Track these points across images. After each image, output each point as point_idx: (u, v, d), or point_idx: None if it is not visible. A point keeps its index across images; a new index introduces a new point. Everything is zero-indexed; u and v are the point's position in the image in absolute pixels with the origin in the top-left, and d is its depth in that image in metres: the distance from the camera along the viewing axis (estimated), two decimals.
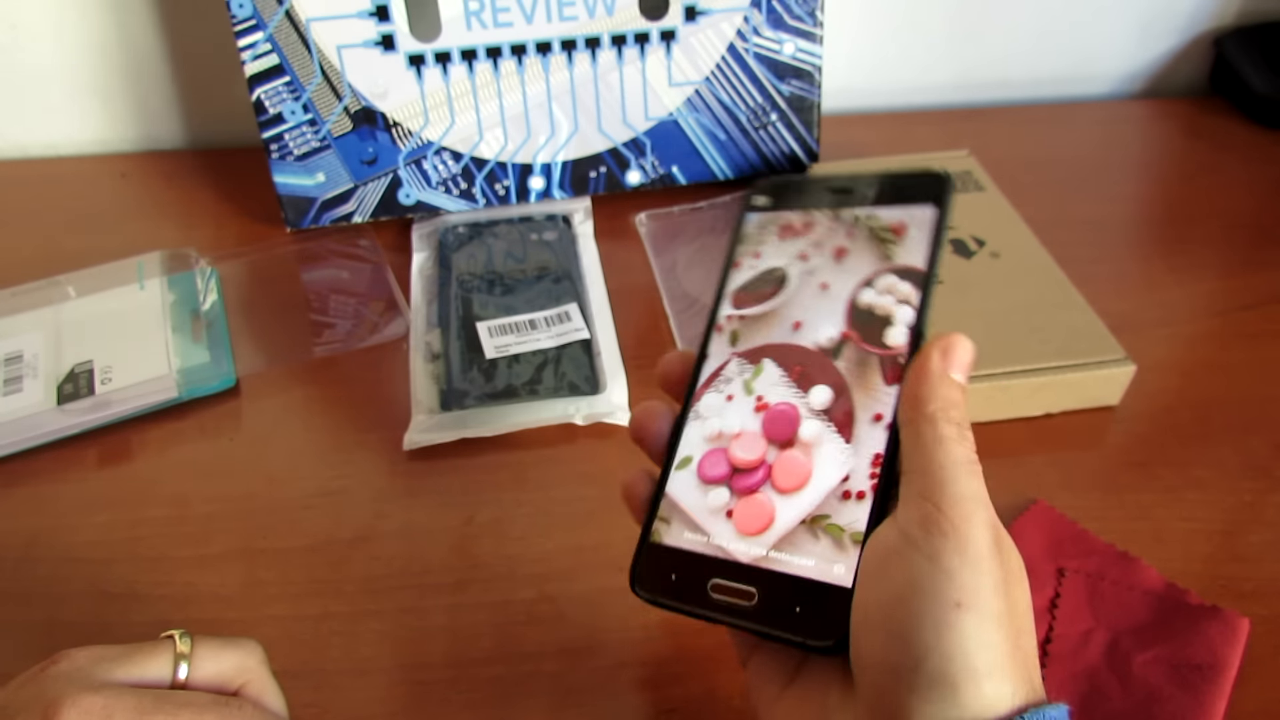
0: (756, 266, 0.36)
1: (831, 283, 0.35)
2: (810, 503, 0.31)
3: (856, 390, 0.32)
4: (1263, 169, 0.69)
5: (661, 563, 0.33)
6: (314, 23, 0.56)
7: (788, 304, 0.35)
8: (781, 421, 0.33)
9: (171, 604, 0.42)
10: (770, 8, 0.60)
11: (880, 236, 0.35)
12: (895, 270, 0.34)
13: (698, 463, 0.34)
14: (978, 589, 0.26)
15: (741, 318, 0.36)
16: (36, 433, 0.48)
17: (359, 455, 0.48)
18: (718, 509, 0.33)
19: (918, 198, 0.35)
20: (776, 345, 0.35)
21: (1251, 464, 0.48)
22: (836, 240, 0.35)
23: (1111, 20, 0.75)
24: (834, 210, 0.36)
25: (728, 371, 0.35)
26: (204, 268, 0.57)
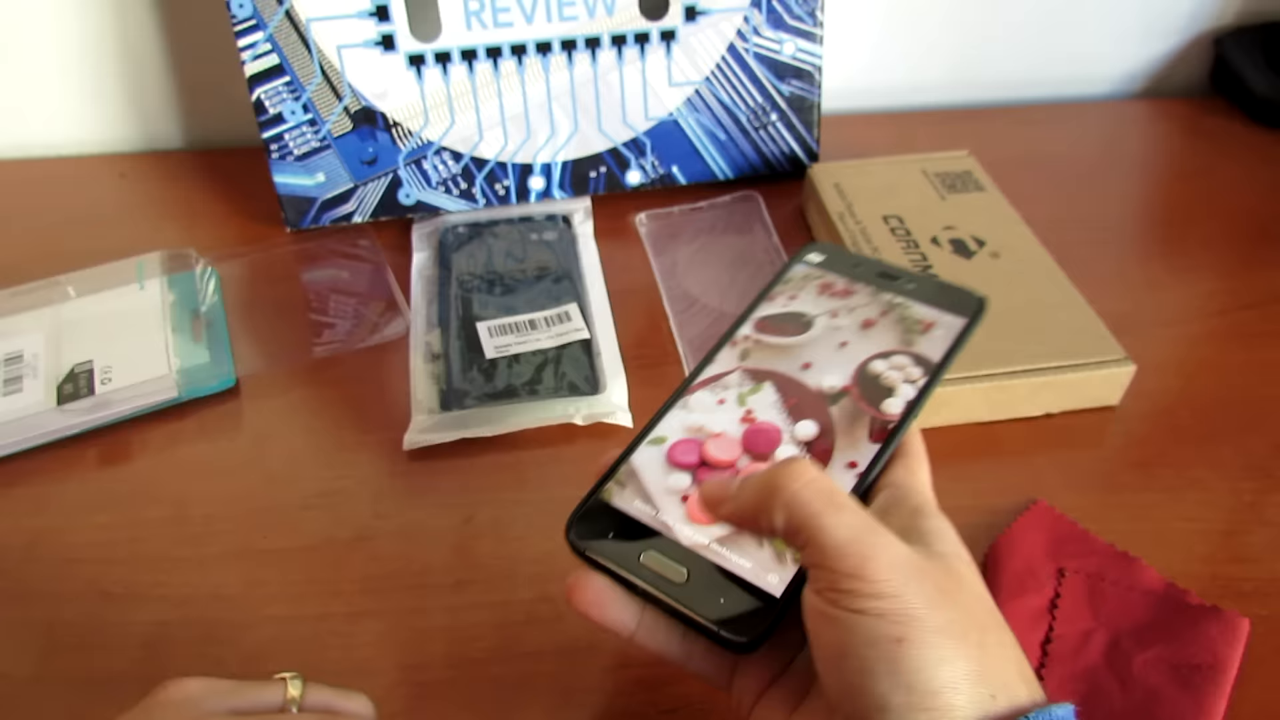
0: (788, 306, 0.39)
1: (851, 343, 0.37)
2: None
3: (841, 435, 0.34)
4: (1263, 169, 0.69)
5: (603, 519, 0.34)
6: (314, 23, 0.56)
7: (805, 346, 0.37)
8: (763, 437, 0.35)
9: (171, 604, 0.42)
10: (770, 8, 0.60)
11: (909, 325, 0.37)
12: (911, 354, 0.36)
13: (670, 444, 0.35)
14: (912, 616, 0.26)
15: (757, 341, 0.38)
16: (36, 433, 0.48)
17: (359, 455, 0.48)
18: (675, 490, 0.34)
19: (953, 307, 0.37)
20: (781, 374, 0.36)
21: (1251, 464, 0.48)
22: (869, 312, 0.38)
23: (1111, 20, 0.75)
24: (875, 288, 0.39)
25: (728, 380, 0.37)
26: (204, 268, 0.57)
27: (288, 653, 0.40)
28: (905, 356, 0.36)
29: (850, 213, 0.58)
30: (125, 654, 0.40)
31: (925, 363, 0.36)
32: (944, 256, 0.55)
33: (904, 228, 0.57)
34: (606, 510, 0.34)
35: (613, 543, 0.33)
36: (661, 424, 0.36)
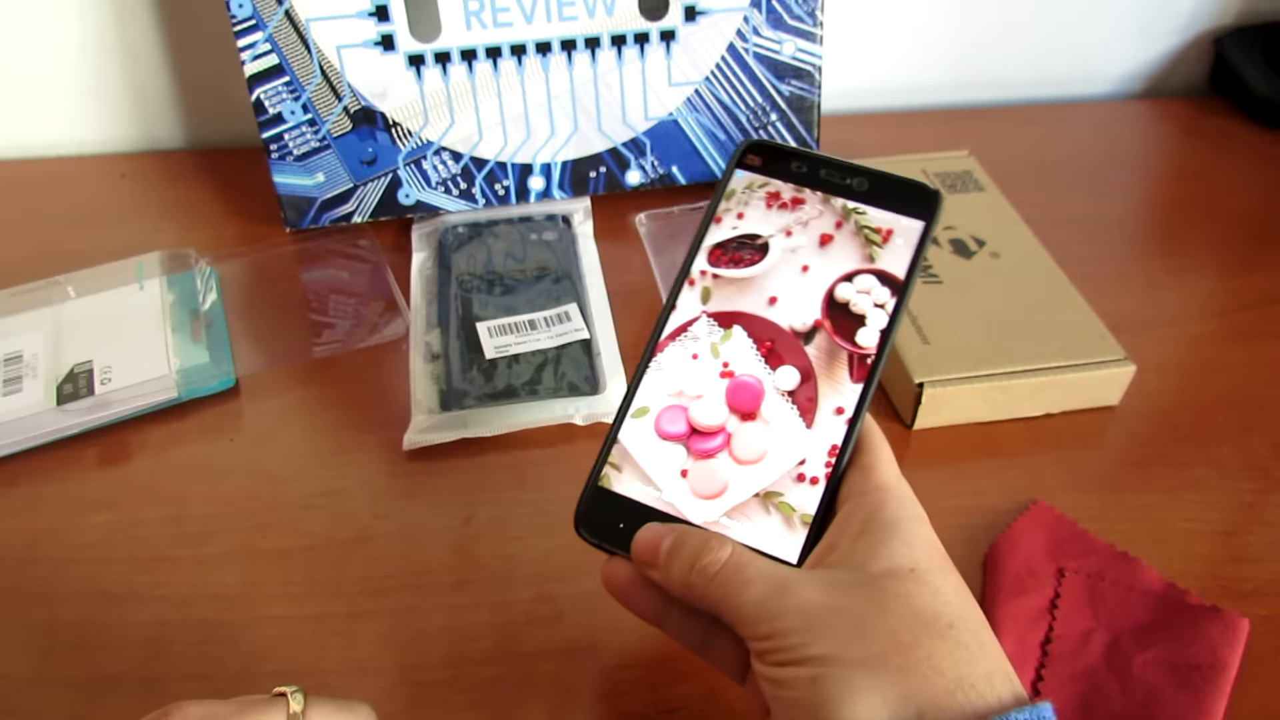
0: (739, 227, 0.37)
1: (813, 267, 0.35)
2: (766, 478, 0.33)
3: (823, 379, 0.33)
4: (1263, 169, 0.69)
5: (609, 508, 0.34)
6: (314, 23, 0.56)
7: (766, 276, 0.36)
8: (746, 393, 0.34)
9: (171, 604, 0.42)
10: (770, 8, 0.60)
11: (867, 236, 0.35)
12: (877, 273, 0.35)
13: (656, 416, 0.35)
14: (822, 658, 0.27)
15: (716, 276, 0.36)
16: (36, 433, 0.48)
17: (359, 455, 0.48)
18: (673, 467, 0.34)
19: (908, 208, 0.35)
20: (749, 315, 0.35)
21: (1251, 464, 0.48)
22: (824, 226, 0.36)
23: (1111, 20, 0.75)
24: (825, 194, 0.36)
25: (696, 329, 0.36)
26: (203, 268, 0.57)
27: (288, 653, 0.40)
28: (870, 276, 0.35)
29: None
30: (125, 654, 0.40)
31: (892, 281, 0.35)
32: (944, 256, 0.55)
33: None
34: (609, 497, 0.34)
35: (624, 530, 0.33)
36: (641, 392, 0.35)
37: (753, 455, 0.33)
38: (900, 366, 0.49)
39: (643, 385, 0.35)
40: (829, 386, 0.33)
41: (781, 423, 0.33)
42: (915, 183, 0.36)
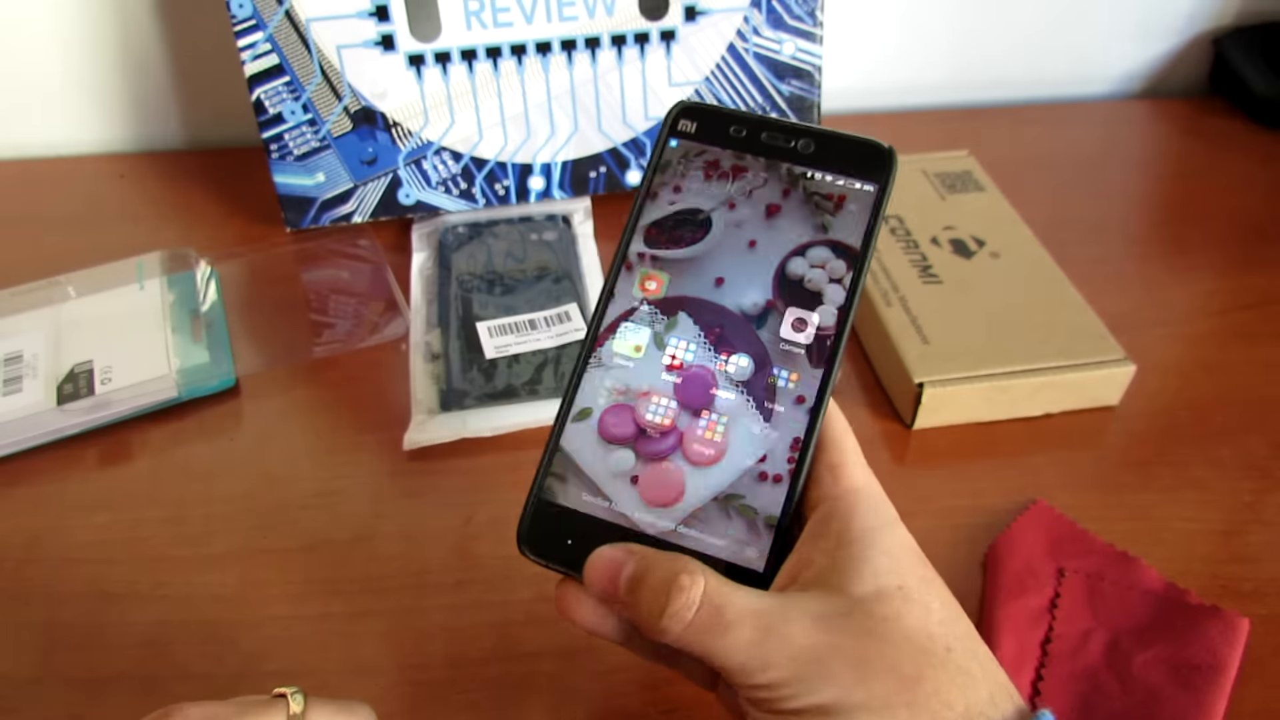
0: (676, 203, 0.33)
1: (760, 242, 0.32)
2: (724, 480, 0.30)
3: (779, 365, 0.31)
4: (1263, 169, 0.69)
5: (555, 523, 0.31)
6: (314, 23, 0.56)
7: (710, 255, 0.32)
8: (697, 386, 0.31)
9: (171, 604, 0.42)
10: (770, 8, 0.60)
11: (818, 204, 0.32)
12: (831, 244, 0.31)
13: (599, 416, 0.31)
14: (826, 707, 0.25)
15: (655, 259, 0.33)
16: (36, 433, 0.48)
17: (359, 455, 0.48)
18: (622, 473, 0.31)
19: (860, 170, 0.32)
20: (695, 299, 0.32)
21: (1251, 464, 0.48)
22: (770, 195, 0.32)
23: (1111, 20, 0.75)
24: (766, 158, 0.33)
25: (637, 318, 0.32)
26: (204, 268, 0.57)
27: (288, 653, 0.40)
28: (824, 248, 0.32)
29: None
30: (125, 654, 0.40)
31: (847, 252, 0.31)
32: (944, 256, 0.55)
33: (904, 227, 0.57)
34: (555, 510, 0.31)
35: (573, 547, 0.30)
36: (581, 392, 0.32)
37: (708, 455, 0.30)
38: (900, 366, 0.49)
39: (583, 384, 0.32)
40: (787, 374, 0.31)
41: (737, 417, 0.30)
42: (866, 140, 0.32)
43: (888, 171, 0.32)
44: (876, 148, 0.32)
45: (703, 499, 0.30)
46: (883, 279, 0.54)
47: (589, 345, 0.32)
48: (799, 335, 0.31)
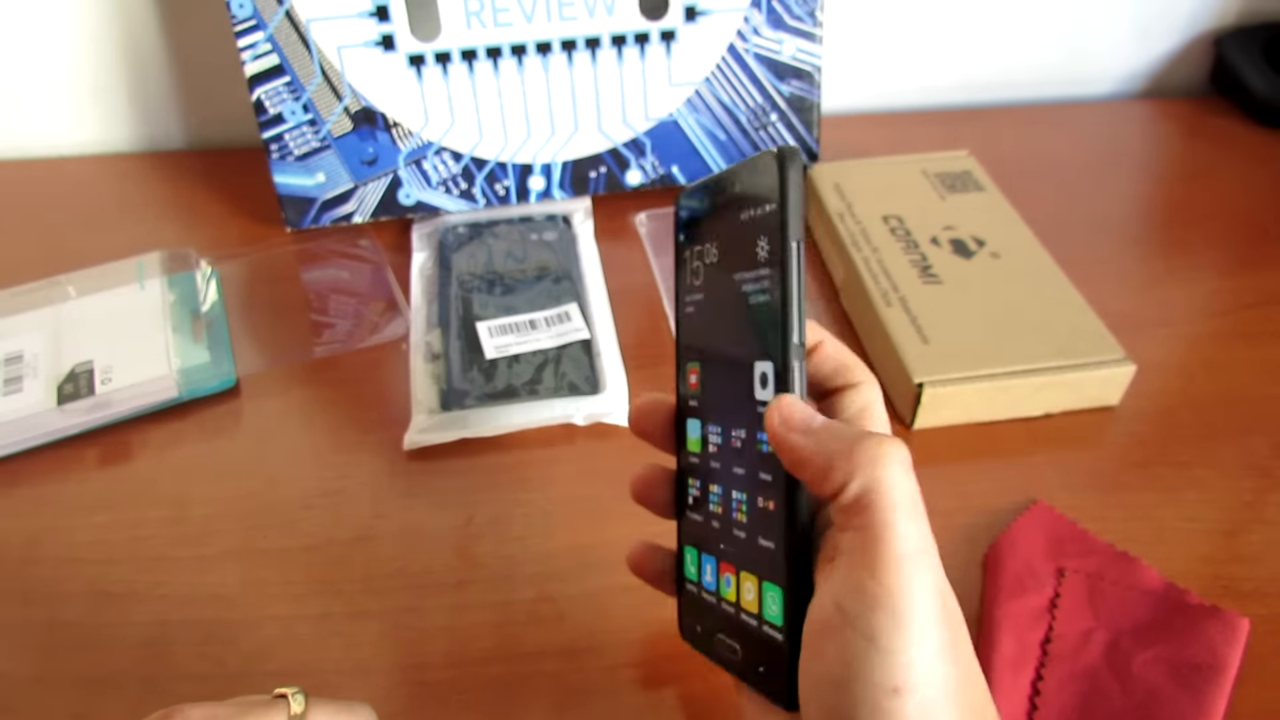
0: (691, 292, 0.34)
1: (733, 310, 0.31)
2: (748, 558, 0.31)
3: (760, 429, 0.30)
4: (1263, 169, 0.69)
5: (690, 611, 0.34)
6: (314, 23, 0.56)
7: (714, 338, 0.32)
8: (725, 469, 0.32)
9: (171, 604, 0.42)
10: (770, 8, 0.60)
11: (750, 247, 0.30)
12: (760, 284, 0.30)
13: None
14: (918, 666, 0.24)
15: (688, 350, 0.34)
16: (36, 433, 0.48)
17: (359, 455, 0.48)
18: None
19: (760, 193, 0.29)
20: (716, 384, 0.32)
21: (1251, 464, 0.48)
22: (730, 259, 0.31)
23: (1111, 20, 0.75)
24: (723, 224, 0.32)
25: (691, 413, 0.34)
26: (204, 268, 0.57)
27: (288, 653, 0.40)
28: (759, 292, 0.29)
29: (850, 213, 0.58)
30: (125, 654, 0.40)
31: (773, 284, 0.29)
32: (944, 256, 0.55)
33: (904, 228, 0.57)
34: (689, 598, 0.34)
35: (702, 634, 0.33)
36: (682, 489, 0.34)
37: (742, 539, 0.32)
38: (900, 366, 0.49)
39: (683, 482, 0.34)
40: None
41: (748, 492, 0.31)
42: (755, 157, 0.30)
43: (782, 179, 0.28)
44: (766, 158, 0.29)
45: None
46: (883, 279, 0.54)
47: (678, 445, 0.34)
48: (765, 392, 0.29)
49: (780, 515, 0.29)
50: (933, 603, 0.25)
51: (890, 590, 0.25)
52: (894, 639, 0.24)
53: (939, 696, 0.24)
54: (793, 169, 0.29)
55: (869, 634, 0.24)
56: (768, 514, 0.29)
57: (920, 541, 0.25)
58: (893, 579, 0.25)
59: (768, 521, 0.29)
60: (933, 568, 0.25)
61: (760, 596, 0.30)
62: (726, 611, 0.31)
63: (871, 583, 0.25)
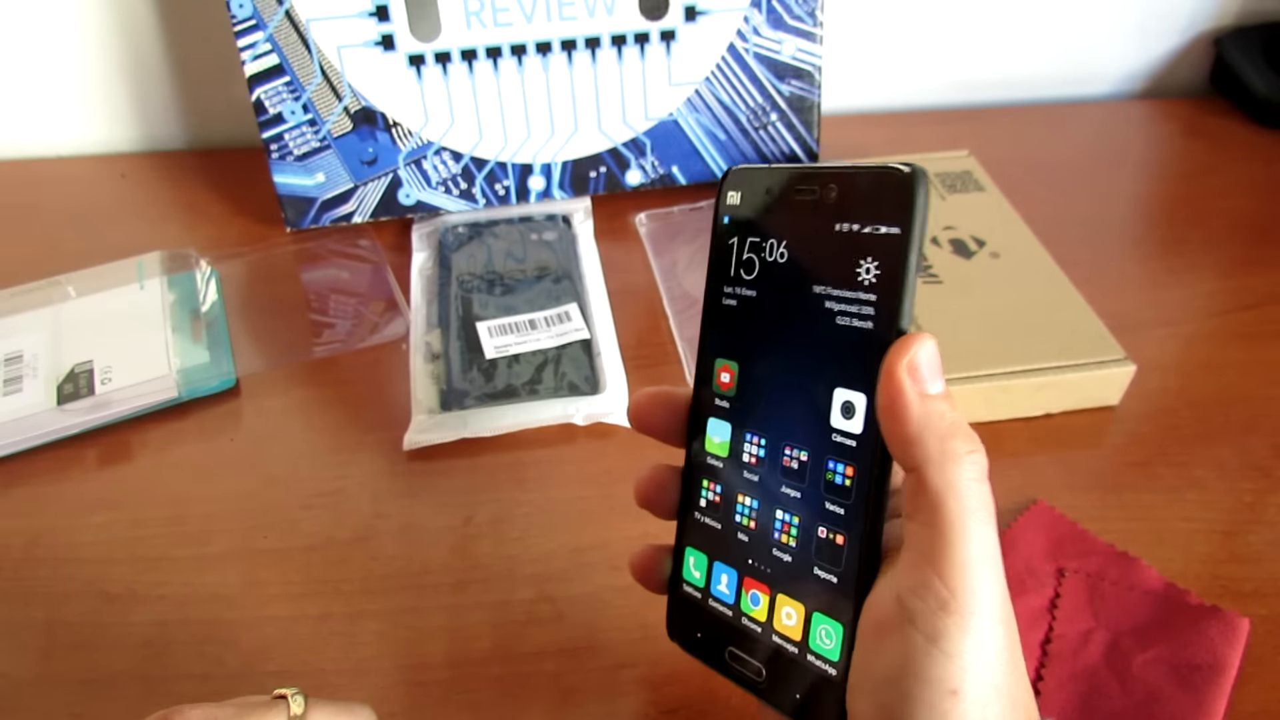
0: (737, 286, 0.32)
1: (807, 324, 0.30)
2: (801, 589, 0.30)
3: (833, 458, 0.29)
4: (1263, 169, 0.69)
5: (687, 615, 0.33)
6: (314, 23, 0.56)
7: (768, 342, 0.31)
8: (770, 486, 0.31)
9: (171, 604, 0.42)
10: (770, 8, 0.60)
11: (852, 271, 0.28)
12: (860, 316, 0.28)
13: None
14: (978, 669, 0.24)
15: (725, 347, 0.32)
16: (36, 433, 0.48)
17: (359, 455, 0.48)
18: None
19: (880, 213, 0.27)
20: (763, 390, 0.31)
21: (1251, 464, 0.48)
22: (812, 267, 0.29)
23: (1111, 20, 0.75)
24: (804, 221, 0.29)
25: (718, 413, 0.32)
26: (204, 268, 0.57)
27: (288, 653, 0.40)
28: (857, 320, 0.28)
29: None
30: (125, 654, 0.40)
31: (879, 323, 0.27)
32: (944, 256, 0.55)
33: None
34: (685, 601, 0.33)
35: (702, 641, 0.32)
36: (690, 488, 0.33)
37: (785, 562, 0.31)
38: None
39: (692, 478, 0.33)
40: (842, 467, 0.29)
41: (806, 517, 0.30)
42: (880, 170, 0.27)
43: (910, 205, 0.26)
44: (892, 176, 0.26)
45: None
46: None
47: (691, 441, 0.33)
48: (848, 423, 0.28)
49: (855, 552, 0.28)
50: (996, 609, 0.25)
51: (957, 594, 0.25)
52: (958, 643, 0.24)
53: (992, 699, 0.25)
54: (923, 194, 0.26)
55: (932, 635, 0.24)
56: (834, 547, 0.28)
57: (991, 547, 0.25)
58: (961, 583, 0.25)
59: (833, 554, 0.28)
60: (1000, 574, 0.25)
61: (808, 626, 0.29)
62: (749, 629, 0.31)
63: (939, 584, 0.25)
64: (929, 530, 0.25)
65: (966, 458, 0.25)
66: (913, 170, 0.26)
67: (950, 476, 0.25)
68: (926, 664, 0.24)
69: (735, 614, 0.31)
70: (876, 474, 0.27)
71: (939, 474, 0.25)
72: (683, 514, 0.33)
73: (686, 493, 0.33)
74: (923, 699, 0.24)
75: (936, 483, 0.25)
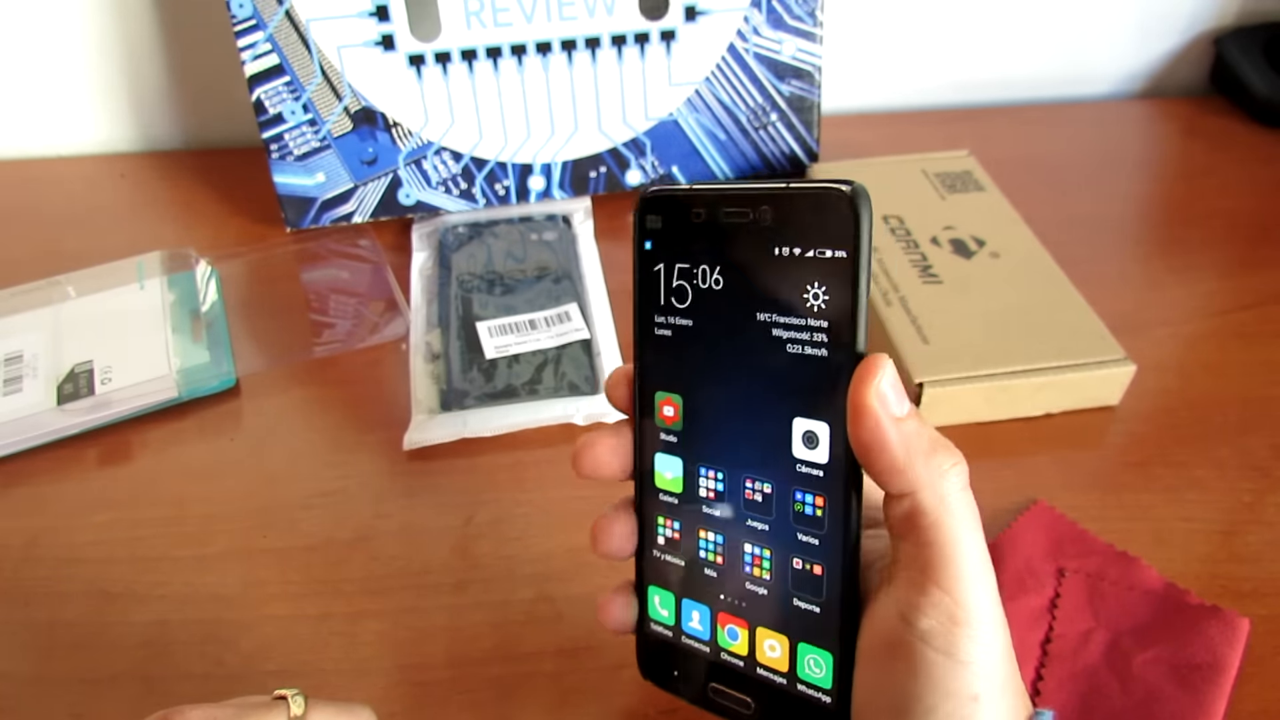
0: (668, 316, 0.30)
1: (754, 351, 0.28)
2: (778, 620, 0.30)
3: (800, 489, 0.29)
4: (1263, 169, 0.69)
5: (660, 654, 0.32)
6: (314, 23, 0.56)
7: (713, 372, 0.30)
8: (734, 520, 0.30)
9: (171, 604, 0.42)
10: (770, 8, 0.60)
11: (797, 293, 0.27)
12: (810, 342, 0.27)
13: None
14: (992, 672, 0.25)
15: (664, 380, 0.31)
16: (36, 433, 0.48)
17: (359, 455, 0.48)
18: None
19: (824, 234, 0.26)
20: (711, 423, 0.30)
21: (1251, 464, 0.48)
22: (751, 293, 0.28)
23: (1111, 20, 0.75)
24: (738, 245, 0.28)
25: (666, 448, 0.31)
26: (204, 267, 0.57)
27: (288, 653, 0.40)
28: (808, 346, 0.27)
29: None
30: (125, 654, 0.40)
31: (836, 347, 0.26)
32: (944, 256, 0.55)
33: (904, 228, 0.57)
34: (658, 641, 0.32)
35: (680, 679, 0.31)
36: (645, 524, 0.32)
37: (760, 595, 0.30)
38: (900, 366, 0.49)
39: (644, 516, 0.32)
40: (811, 497, 0.28)
41: (776, 549, 0.29)
42: (821, 189, 0.26)
43: (855, 227, 0.25)
44: (832, 196, 0.25)
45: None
46: (883, 279, 0.54)
47: (639, 478, 0.31)
48: (812, 453, 0.27)
49: (836, 581, 0.27)
50: (997, 612, 0.26)
51: (964, 604, 0.25)
52: (972, 651, 0.25)
53: (1004, 694, 0.25)
54: (867, 214, 0.25)
55: (946, 649, 0.25)
56: (812, 577, 0.28)
57: (984, 552, 0.26)
58: (966, 593, 0.25)
59: (812, 584, 0.28)
60: (992, 575, 0.26)
61: (794, 657, 0.28)
62: (730, 664, 0.30)
63: (947, 600, 0.25)
64: (926, 549, 0.25)
65: (952, 471, 0.26)
66: (854, 189, 0.25)
67: (941, 493, 0.25)
68: (947, 677, 0.25)
69: (713, 650, 0.30)
70: (849, 501, 0.27)
71: (931, 494, 0.25)
72: (640, 553, 0.32)
73: (641, 531, 0.32)
74: (941, 708, 0.25)
75: (930, 503, 0.25)
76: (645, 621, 0.32)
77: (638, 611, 0.32)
